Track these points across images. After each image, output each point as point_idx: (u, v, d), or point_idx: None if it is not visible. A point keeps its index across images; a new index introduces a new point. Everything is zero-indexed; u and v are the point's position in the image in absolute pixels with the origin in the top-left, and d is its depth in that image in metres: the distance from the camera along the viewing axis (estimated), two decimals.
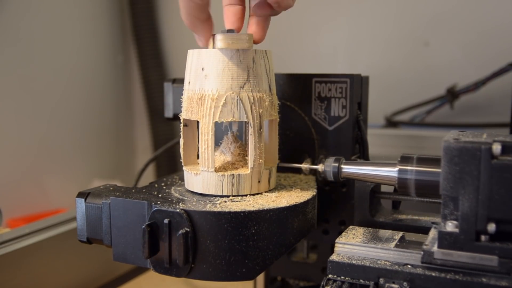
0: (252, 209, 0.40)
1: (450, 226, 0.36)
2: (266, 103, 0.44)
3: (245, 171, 0.44)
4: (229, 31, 0.44)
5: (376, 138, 0.75)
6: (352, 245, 0.39)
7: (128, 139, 1.17)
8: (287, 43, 0.97)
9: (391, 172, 0.42)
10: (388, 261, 0.37)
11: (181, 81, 0.55)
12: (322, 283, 0.38)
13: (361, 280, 0.37)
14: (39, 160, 0.95)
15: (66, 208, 0.93)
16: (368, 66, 0.94)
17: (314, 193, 0.46)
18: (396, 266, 0.36)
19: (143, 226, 0.40)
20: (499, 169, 0.34)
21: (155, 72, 1.08)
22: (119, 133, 1.14)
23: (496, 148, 0.34)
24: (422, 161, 0.41)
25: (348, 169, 0.45)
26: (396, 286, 0.36)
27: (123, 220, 0.43)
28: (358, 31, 0.95)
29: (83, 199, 0.45)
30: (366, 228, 0.44)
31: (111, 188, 0.47)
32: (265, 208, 0.40)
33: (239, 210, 0.39)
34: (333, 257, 0.39)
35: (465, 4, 0.86)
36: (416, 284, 0.35)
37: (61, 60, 0.99)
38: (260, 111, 0.44)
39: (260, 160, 0.44)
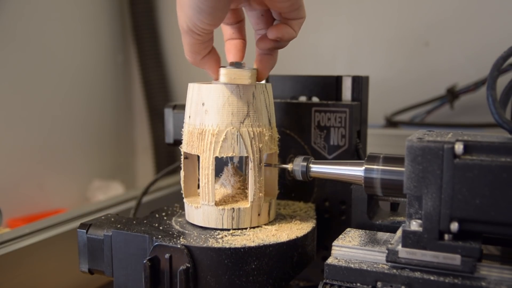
0: (252, 244, 0.40)
1: (414, 225, 0.36)
2: (266, 138, 0.45)
3: (245, 205, 0.45)
4: (237, 64, 0.45)
5: (376, 138, 0.75)
6: (349, 248, 0.39)
7: (128, 139, 1.17)
8: None
9: (358, 171, 0.42)
10: (386, 265, 0.37)
11: (182, 107, 0.55)
12: (319, 287, 0.38)
13: (358, 284, 0.37)
14: (39, 160, 0.95)
15: (66, 208, 0.94)
16: (369, 66, 0.94)
17: (314, 225, 0.46)
18: (394, 270, 0.36)
19: (144, 261, 0.41)
20: (462, 168, 0.34)
21: (155, 72, 1.08)
22: (119, 133, 1.15)
23: (459, 147, 0.34)
24: (388, 160, 0.42)
25: (316, 168, 0.46)
26: None
27: (124, 252, 0.43)
28: (359, 31, 0.94)
29: (84, 231, 0.46)
30: (363, 230, 0.44)
31: (113, 219, 0.47)
32: (265, 244, 0.41)
33: (239, 246, 0.40)
34: (330, 260, 0.39)
35: (465, 5, 0.85)
36: None
37: (61, 60, 0.99)
38: (260, 146, 0.44)
39: (260, 194, 0.45)
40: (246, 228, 0.45)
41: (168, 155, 1.09)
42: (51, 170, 0.97)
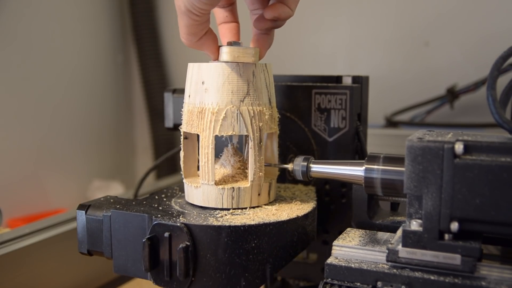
0: (252, 222, 0.40)
1: (415, 225, 0.36)
2: (266, 117, 0.45)
3: (245, 184, 0.44)
4: (235, 43, 0.44)
5: (376, 138, 0.75)
6: (349, 248, 0.39)
7: (128, 139, 1.17)
8: (287, 43, 0.97)
9: (358, 171, 0.42)
10: (386, 264, 0.37)
11: (181, 91, 0.55)
12: (319, 287, 0.38)
13: (358, 284, 0.37)
14: (39, 160, 0.95)
15: (66, 208, 0.94)
16: (368, 66, 0.94)
17: (314, 205, 0.46)
18: (394, 270, 0.36)
19: (143, 240, 0.40)
20: (462, 168, 0.34)
21: (155, 72, 1.08)
22: (119, 133, 1.15)
23: (459, 147, 0.34)
24: (388, 160, 0.42)
25: (317, 168, 0.46)
26: None
27: (123, 233, 0.43)
28: (358, 32, 0.94)
29: (83, 211, 0.45)
30: (364, 230, 0.44)
31: (112, 200, 0.47)
32: (265, 222, 0.40)
33: (239, 224, 0.40)
34: (331, 260, 0.39)
35: (465, 5, 0.85)
36: None
37: (61, 60, 0.99)
38: (260, 125, 0.44)
39: (260, 173, 0.45)
40: (246, 208, 0.44)
41: (167, 157, 1.09)
42: (51, 170, 0.97)
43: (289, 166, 0.47)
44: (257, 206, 0.45)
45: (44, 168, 0.96)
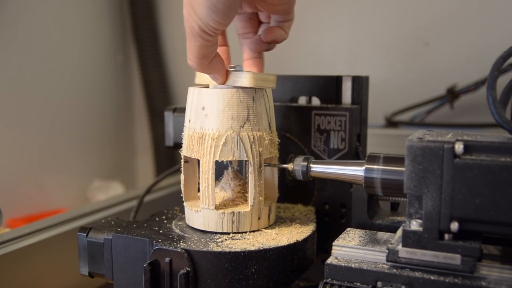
0: (252, 248, 0.40)
1: (415, 225, 0.36)
2: (266, 142, 0.45)
3: (245, 209, 0.45)
4: (237, 67, 0.44)
5: (376, 138, 0.75)
6: (349, 248, 0.39)
7: (128, 139, 1.17)
8: (287, 43, 0.97)
9: (358, 171, 0.43)
10: (386, 264, 0.37)
11: (182, 110, 0.55)
12: (319, 287, 0.38)
13: (358, 284, 0.37)
14: (39, 160, 0.95)
15: (66, 208, 0.94)
16: (369, 66, 0.94)
17: (314, 228, 0.47)
18: (394, 270, 0.36)
19: (144, 265, 0.41)
20: (462, 168, 0.34)
21: (155, 72, 1.08)
22: (119, 133, 1.15)
23: (459, 147, 0.34)
24: (388, 160, 0.42)
25: (317, 168, 0.46)
26: None
27: (124, 256, 0.43)
28: (359, 32, 0.94)
29: (84, 234, 0.46)
30: (363, 230, 0.44)
31: (113, 223, 0.47)
32: (265, 248, 0.41)
33: (239, 250, 0.40)
34: (330, 260, 0.39)
35: (465, 5, 0.85)
36: None
37: (61, 60, 0.99)
38: (260, 150, 0.44)
39: (260, 198, 0.45)
40: (246, 232, 0.45)
41: (168, 155, 1.09)
42: (51, 170, 0.97)
43: (289, 166, 0.47)
44: (257, 230, 0.45)
45: (44, 168, 0.96)
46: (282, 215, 0.50)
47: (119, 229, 0.45)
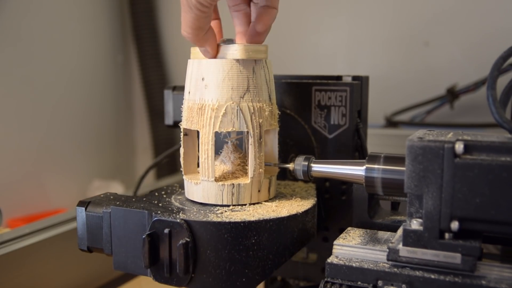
0: (252, 219, 0.40)
1: (415, 224, 0.36)
2: (266, 113, 0.45)
3: (245, 181, 0.44)
4: (228, 40, 0.44)
5: (376, 138, 0.75)
6: (350, 247, 0.39)
7: (128, 139, 1.17)
8: (286, 43, 0.97)
9: (359, 170, 0.43)
10: (387, 263, 0.37)
11: (181, 88, 0.55)
12: (320, 285, 0.38)
13: (359, 283, 0.37)
14: (39, 160, 0.95)
15: (66, 208, 0.94)
16: (368, 66, 0.94)
17: (314, 202, 0.46)
18: (395, 269, 0.36)
19: (143, 236, 0.40)
20: (462, 167, 0.34)
21: (155, 72, 1.09)
22: (119, 133, 1.15)
23: (459, 147, 0.34)
24: (388, 159, 0.42)
25: (318, 167, 0.46)
26: None
27: (123, 229, 0.43)
28: (358, 32, 0.94)
29: (83, 208, 0.45)
30: (364, 229, 0.44)
31: (112, 197, 0.47)
32: (265, 218, 0.40)
33: (239, 220, 0.40)
34: (331, 259, 0.39)
35: (465, 4, 0.85)
36: (415, 287, 0.35)
37: (61, 60, 0.99)
38: (260, 121, 0.44)
39: (260, 170, 0.45)
40: (246, 204, 0.44)
41: (168, 156, 1.09)
42: (51, 170, 0.97)
43: (290, 166, 0.47)
44: (257, 203, 0.45)
45: (44, 168, 0.96)
46: (282, 191, 0.50)
47: (118, 203, 0.44)
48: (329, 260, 0.39)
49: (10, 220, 0.84)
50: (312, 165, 0.46)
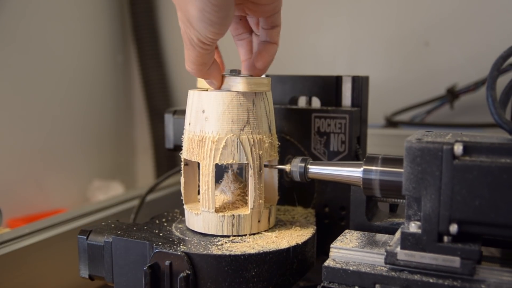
0: (252, 251, 0.40)
1: (413, 227, 0.36)
2: (266, 145, 0.45)
3: (245, 212, 0.45)
4: (233, 71, 0.45)
5: (376, 138, 0.75)
6: (347, 250, 0.39)
7: (128, 139, 1.17)
8: (286, 43, 0.96)
9: (357, 172, 0.42)
10: (385, 267, 0.37)
11: (182, 112, 0.55)
12: None
13: (356, 287, 0.37)
14: (39, 160, 0.95)
15: (66, 208, 0.94)
16: (368, 66, 0.94)
17: (314, 231, 0.46)
18: (393, 272, 0.36)
19: (144, 268, 0.41)
20: (461, 169, 0.34)
21: (155, 72, 1.08)
22: (119, 133, 1.15)
23: (458, 148, 0.34)
24: (386, 161, 0.41)
25: (315, 169, 0.46)
26: None
27: (124, 259, 0.43)
28: (359, 32, 0.94)
29: (85, 237, 0.46)
30: (362, 232, 0.44)
31: (113, 225, 0.47)
32: (265, 251, 0.41)
33: (239, 253, 0.40)
34: (328, 262, 0.39)
35: (465, 5, 0.85)
36: None
37: (61, 60, 0.99)
38: (260, 153, 0.44)
39: (260, 201, 0.45)
40: (246, 235, 0.45)
41: (168, 155, 1.09)
42: (51, 170, 0.97)
43: (287, 167, 0.47)
44: (257, 233, 0.45)
45: (44, 168, 0.96)
46: (282, 218, 0.50)
47: (119, 232, 0.45)
48: (326, 264, 0.38)
49: (10, 220, 0.85)
50: (309, 166, 0.46)
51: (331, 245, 0.40)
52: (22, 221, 0.80)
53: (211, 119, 0.43)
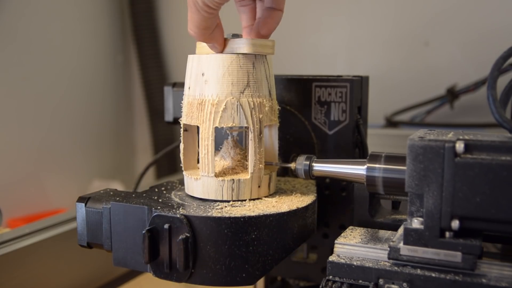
0: (252, 214, 0.40)
1: (416, 223, 0.36)
2: (266, 108, 0.44)
3: (245, 176, 0.44)
4: (235, 35, 0.44)
5: (376, 138, 0.75)
6: (351, 246, 0.39)
7: (128, 139, 1.17)
8: (286, 43, 0.97)
9: (360, 170, 0.43)
10: (388, 262, 0.37)
11: (181, 85, 0.54)
12: (321, 284, 0.38)
13: (360, 281, 0.37)
14: (39, 160, 0.95)
15: (66, 208, 0.94)
16: (368, 66, 0.94)
17: (314, 198, 0.46)
18: (396, 267, 0.36)
19: (143, 231, 0.40)
20: (462, 167, 0.34)
21: (155, 72, 1.09)
22: (119, 133, 1.15)
23: (459, 146, 0.34)
24: (389, 159, 0.42)
25: (319, 167, 0.46)
26: (396, 287, 0.36)
27: (123, 225, 0.43)
28: (358, 32, 0.95)
29: (83, 204, 0.45)
30: (365, 228, 0.44)
31: (111, 193, 0.47)
32: (265, 213, 0.40)
33: (239, 215, 0.39)
34: (333, 257, 0.39)
35: (465, 4, 0.86)
36: (415, 285, 0.35)
37: (61, 60, 0.99)
38: (260, 116, 0.44)
39: (260, 165, 0.44)
40: (246, 200, 0.44)
41: (168, 155, 1.09)
42: (51, 170, 0.97)
43: (292, 165, 0.47)
44: (257, 198, 0.45)
45: (44, 168, 0.96)
46: (282, 187, 0.50)
47: (117, 198, 0.44)
48: (330, 259, 0.39)
49: (10, 220, 0.84)
50: (314, 164, 0.46)
51: (336, 241, 0.40)
52: (22, 221, 0.80)
53: (211, 82, 0.43)
